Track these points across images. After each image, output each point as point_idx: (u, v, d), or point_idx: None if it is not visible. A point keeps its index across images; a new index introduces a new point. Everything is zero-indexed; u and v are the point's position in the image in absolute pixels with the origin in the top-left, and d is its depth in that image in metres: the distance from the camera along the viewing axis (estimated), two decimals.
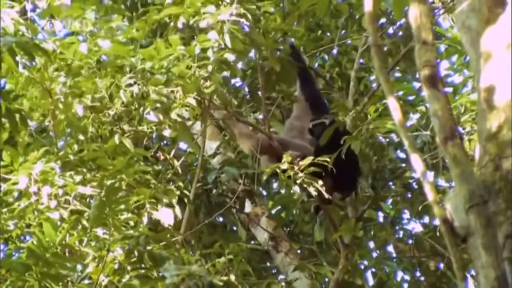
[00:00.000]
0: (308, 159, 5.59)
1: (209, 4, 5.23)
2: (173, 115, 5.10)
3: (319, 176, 5.66)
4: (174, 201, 5.33)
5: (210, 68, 5.13)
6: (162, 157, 6.90)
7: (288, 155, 5.64)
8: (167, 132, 5.31)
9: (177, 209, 5.33)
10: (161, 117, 5.10)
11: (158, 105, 5.08)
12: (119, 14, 6.10)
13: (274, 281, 6.62)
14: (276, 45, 5.57)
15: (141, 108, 5.12)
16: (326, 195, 5.72)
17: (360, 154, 6.30)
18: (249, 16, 5.24)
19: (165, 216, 5.24)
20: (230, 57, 5.18)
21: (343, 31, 7.35)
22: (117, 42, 5.35)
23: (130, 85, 5.11)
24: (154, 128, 5.20)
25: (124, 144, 5.13)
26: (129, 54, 5.20)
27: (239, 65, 5.71)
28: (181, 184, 5.86)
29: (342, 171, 5.80)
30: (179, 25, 5.33)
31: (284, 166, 5.58)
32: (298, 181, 5.62)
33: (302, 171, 5.60)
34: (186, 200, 5.85)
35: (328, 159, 5.59)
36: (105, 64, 5.20)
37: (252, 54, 5.88)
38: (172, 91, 5.12)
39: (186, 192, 5.79)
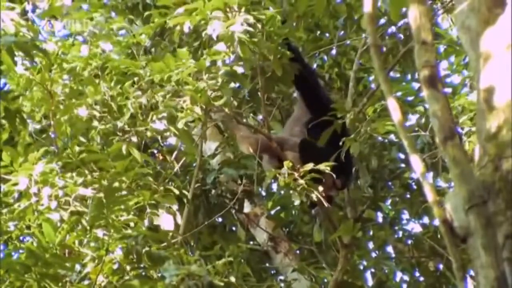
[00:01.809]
0: (309, 166, 5.57)
1: (216, 10, 5.21)
2: (180, 125, 5.11)
3: (319, 180, 5.67)
4: (175, 207, 5.34)
5: (219, 80, 5.14)
6: (161, 157, 6.90)
7: (288, 162, 5.63)
8: (172, 140, 5.33)
9: (177, 215, 5.34)
10: (166, 125, 5.12)
11: (164, 114, 5.10)
12: (121, 15, 6.10)
13: (273, 284, 6.62)
14: (279, 51, 5.56)
15: (149, 119, 5.14)
16: (325, 203, 5.73)
17: (359, 154, 6.31)
18: (259, 25, 5.24)
19: (165, 221, 5.26)
20: (240, 69, 5.19)
21: (342, 32, 7.35)
22: (120, 45, 5.35)
23: (138, 96, 5.13)
24: (159, 137, 5.23)
25: (129, 152, 5.14)
26: (137, 66, 5.21)
27: (240, 68, 5.70)
28: (180, 184, 5.86)
29: (339, 159, 5.82)
30: (185, 29, 5.31)
31: (284, 172, 5.57)
32: (298, 189, 5.60)
33: (302, 177, 5.59)
34: (185, 201, 5.85)
35: (328, 165, 5.57)
36: (109, 68, 5.21)
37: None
38: (180, 101, 5.14)
39: (185, 192, 5.79)
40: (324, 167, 5.52)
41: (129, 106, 5.13)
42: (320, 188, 5.65)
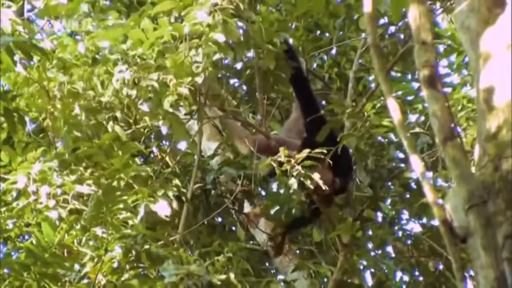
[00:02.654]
0: (304, 152, 5.59)
1: None
2: (166, 104, 5.06)
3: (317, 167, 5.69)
4: (171, 193, 5.32)
5: (201, 51, 5.09)
6: (159, 157, 6.89)
7: (284, 149, 5.65)
8: (163, 128, 5.28)
9: (174, 202, 5.32)
10: (153, 108, 5.07)
11: (150, 95, 5.05)
12: (115, 10, 6.08)
13: (273, 279, 6.62)
14: (274, 37, 5.54)
15: (133, 96, 5.07)
16: (324, 187, 5.74)
17: (358, 153, 6.32)
18: (241, 6, 5.21)
19: (161, 208, 5.23)
20: (220, 37, 5.13)
21: (341, 32, 7.35)
22: (112, 38, 5.33)
23: (122, 71, 5.07)
24: (148, 120, 5.17)
25: (120, 141, 5.10)
26: (118, 40, 5.17)
27: (238, 65, 5.69)
28: (179, 183, 5.85)
29: (337, 158, 5.85)
30: (172, 19, 5.30)
31: (281, 158, 5.58)
32: (294, 174, 5.61)
33: (298, 164, 5.60)
34: (184, 199, 5.84)
35: (324, 151, 5.60)
36: (100, 60, 5.19)
37: (250, 54, 5.87)
38: (165, 79, 5.08)
39: (184, 191, 5.79)
40: (320, 153, 5.55)
41: (113, 82, 5.08)
42: (317, 175, 5.66)
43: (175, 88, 5.03)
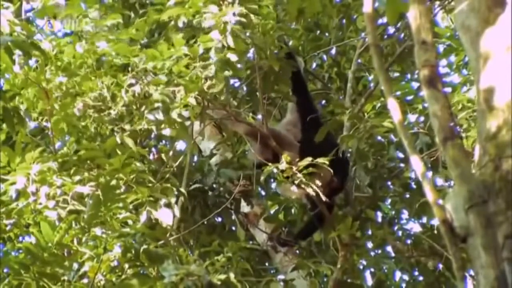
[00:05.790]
0: (307, 160, 5.60)
1: (211, 4, 5.22)
2: (174, 115, 5.08)
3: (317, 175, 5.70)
4: (173, 200, 5.33)
5: (213, 68, 5.12)
6: (156, 156, 6.87)
7: (287, 155, 5.65)
8: (166, 132, 5.30)
9: (176, 209, 5.33)
10: (161, 116, 5.09)
11: (159, 104, 5.07)
12: (118, 13, 6.09)
13: (273, 279, 6.62)
14: (275, 44, 5.56)
15: (143, 108, 5.10)
16: (324, 198, 5.75)
17: (358, 152, 6.32)
18: (252, 16, 5.23)
19: (164, 215, 5.24)
20: (233, 57, 5.17)
21: (340, 32, 7.35)
22: (115, 42, 5.33)
23: (132, 84, 5.10)
24: (154, 128, 5.19)
25: (123, 143, 5.11)
26: (132, 54, 5.19)
27: (239, 65, 5.68)
28: (177, 182, 5.85)
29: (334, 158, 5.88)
30: (180, 24, 5.32)
31: (283, 166, 5.58)
32: (296, 182, 5.63)
33: (300, 171, 5.61)
34: (182, 198, 5.84)
35: (326, 161, 5.61)
36: (104, 63, 5.19)
37: (250, 54, 5.87)
38: (174, 91, 5.11)
39: (181, 189, 5.79)
40: (322, 161, 5.56)
41: (122, 95, 5.10)
42: (318, 183, 5.67)
43: (184, 100, 5.07)
